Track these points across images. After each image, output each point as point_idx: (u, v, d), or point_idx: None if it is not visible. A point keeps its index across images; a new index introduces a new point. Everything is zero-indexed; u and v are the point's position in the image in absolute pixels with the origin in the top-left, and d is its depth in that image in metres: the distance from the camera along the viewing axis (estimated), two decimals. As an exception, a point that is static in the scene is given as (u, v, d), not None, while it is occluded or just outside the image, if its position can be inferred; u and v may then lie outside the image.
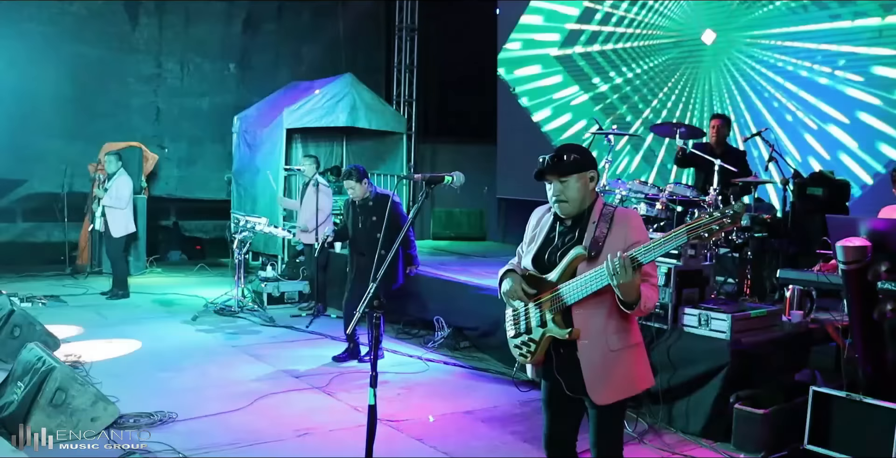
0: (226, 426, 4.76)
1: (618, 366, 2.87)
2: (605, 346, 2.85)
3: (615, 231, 2.85)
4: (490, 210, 11.21)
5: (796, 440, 4.25)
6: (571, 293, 2.83)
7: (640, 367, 2.97)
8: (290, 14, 12.93)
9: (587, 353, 2.85)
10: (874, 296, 3.96)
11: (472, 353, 6.72)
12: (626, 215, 2.91)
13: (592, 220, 2.90)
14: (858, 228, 4.04)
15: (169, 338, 7.04)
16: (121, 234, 8.81)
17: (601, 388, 2.86)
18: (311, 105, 10.28)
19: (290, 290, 8.63)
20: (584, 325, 2.85)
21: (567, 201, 2.90)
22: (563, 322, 2.88)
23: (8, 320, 5.97)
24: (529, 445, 4.55)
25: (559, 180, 2.89)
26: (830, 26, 7.23)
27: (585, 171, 2.90)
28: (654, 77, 8.96)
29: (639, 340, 2.97)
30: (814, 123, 7.38)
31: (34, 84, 10.64)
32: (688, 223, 2.56)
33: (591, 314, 2.84)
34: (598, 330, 2.85)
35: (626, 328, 2.90)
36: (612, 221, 2.87)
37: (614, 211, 2.92)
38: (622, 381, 2.89)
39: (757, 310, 4.97)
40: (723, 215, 2.49)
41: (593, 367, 2.85)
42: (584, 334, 2.85)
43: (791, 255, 5.91)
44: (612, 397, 2.88)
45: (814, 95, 7.39)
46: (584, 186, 2.90)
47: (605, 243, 2.82)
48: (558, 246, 2.96)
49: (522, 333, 3.02)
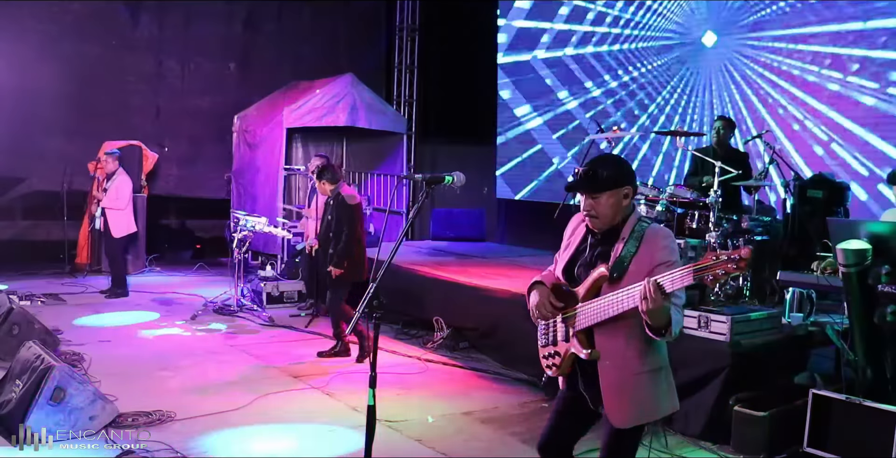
0: (225, 425, 4.75)
1: (638, 390, 2.77)
2: (625, 368, 2.76)
3: (643, 251, 2.74)
4: (490, 211, 11.20)
5: (796, 443, 4.25)
6: (589, 315, 2.77)
7: (664, 392, 2.84)
8: (291, 14, 12.92)
9: (607, 374, 2.78)
10: (874, 299, 3.96)
11: (472, 353, 6.72)
12: (655, 235, 2.78)
13: (622, 237, 2.79)
14: (859, 230, 4.05)
15: (168, 337, 7.04)
16: (122, 234, 8.80)
17: (619, 411, 2.78)
18: (311, 105, 10.27)
19: (289, 289, 8.62)
20: (605, 346, 2.77)
21: (598, 217, 2.81)
22: (585, 342, 2.81)
23: (7, 319, 5.96)
24: (528, 446, 4.54)
25: (591, 196, 2.80)
26: (837, 28, 7.20)
27: (620, 187, 2.78)
28: (655, 79, 8.96)
29: (663, 364, 2.86)
30: (815, 125, 7.38)
31: (34, 82, 10.63)
32: (695, 264, 2.46)
33: (613, 335, 2.75)
34: (619, 352, 2.76)
35: (650, 351, 2.79)
36: (642, 240, 2.76)
37: (646, 229, 2.79)
38: (641, 406, 2.79)
39: (757, 312, 4.96)
40: (730, 260, 2.39)
41: (612, 389, 2.77)
42: (605, 356, 2.77)
43: (791, 257, 5.91)
44: (629, 421, 2.79)
45: (814, 97, 7.38)
46: (617, 203, 2.79)
47: (630, 264, 2.72)
48: (587, 259, 2.87)
49: (549, 344, 2.97)
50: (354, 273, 6.32)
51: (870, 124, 6.95)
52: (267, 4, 12.73)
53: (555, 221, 6.52)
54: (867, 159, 6.97)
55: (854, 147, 7.06)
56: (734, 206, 6.38)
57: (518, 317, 6.17)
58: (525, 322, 5.92)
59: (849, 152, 7.10)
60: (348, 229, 6.27)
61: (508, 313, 6.32)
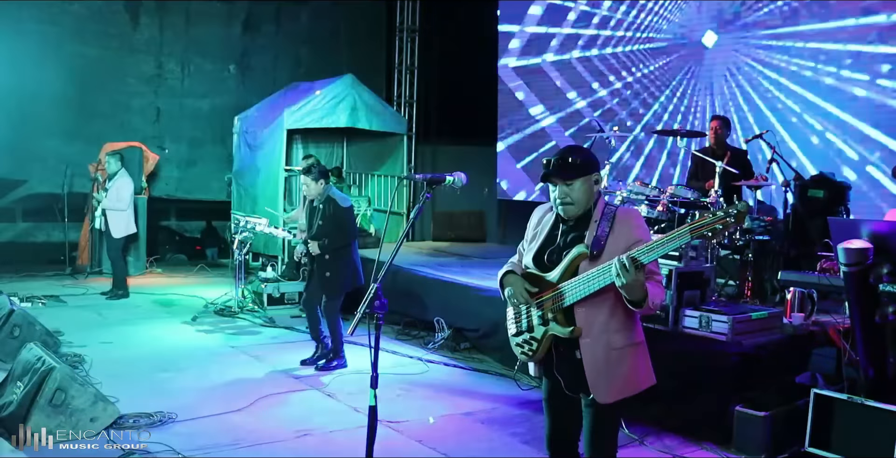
0: (226, 426, 4.76)
1: (620, 364, 2.87)
2: (607, 344, 2.85)
3: (617, 230, 2.86)
4: (490, 211, 11.20)
5: (797, 443, 4.25)
6: (573, 292, 2.84)
7: (643, 366, 2.96)
8: (291, 15, 12.92)
9: (589, 351, 2.86)
10: (876, 298, 3.96)
11: (473, 354, 6.72)
12: (627, 214, 2.93)
13: (594, 219, 2.91)
14: (860, 230, 4.04)
15: (169, 338, 7.04)
16: (121, 234, 8.81)
17: (604, 386, 2.86)
18: (311, 106, 10.27)
19: (289, 291, 8.61)
20: (587, 323, 2.85)
21: (573, 204, 2.91)
22: (564, 321, 2.88)
23: (8, 320, 5.96)
24: (529, 446, 4.55)
25: (565, 183, 2.90)
26: (835, 25, 7.22)
27: (590, 173, 2.91)
28: (656, 80, 8.96)
29: (641, 338, 2.97)
30: (817, 124, 7.39)
31: (34, 84, 10.63)
32: (691, 223, 2.58)
33: (594, 313, 2.84)
34: (601, 328, 2.85)
35: (629, 327, 2.90)
36: (614, 220, 2.89)
37: (616, 210, 2.93)
38: (624, 380, 2.89)
39: (758, 312, 4.96)
40: (726, 215, 2.52)
41: (596, 365, 2.85)
42: (587, 333, 2.85)
43: (792, 257, 5.91)
44: (614, 395, 2.87)
45: (817, 95, 7.40)
46: (589, 189, 2.92)
47: (607, 242, 2.84)
48: (560, 245, 2.96)
49: (524, 331, 3.03)
50: (354, 280, 6.18)
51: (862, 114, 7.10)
52: (267, 6, 12.74)
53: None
54: (857, 144, 7.13)
55: (848, 135, 7.18)
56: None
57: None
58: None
59: (841, 139, 7.22)
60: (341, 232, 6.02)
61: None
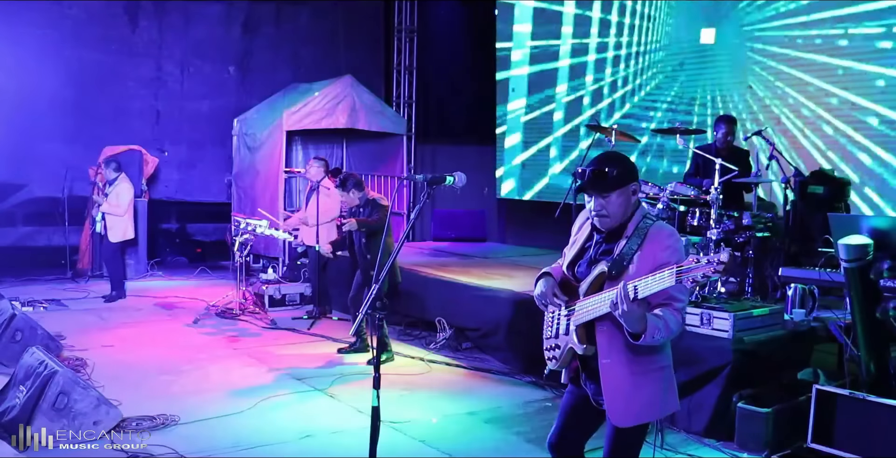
0: (228, 428, 4.76)
1: (639, 390, 2.75)
2: (627, 368, 2.73)
3: (646, 249, 2.70)
4: (490, 211, 11.20)
5: (800, 439, 4.25)
6: (585, 311, 2.77)
7: (664, 392, 2.82)
8: (290, 16, 12.91)
9: (608, 373, 2.75)
10: (877, 294, 3.96)
11: (475, 354, 6.72)
12: (659, 233, 2.74)
13: (626, 234, 2.76)
14: (860, 226, 4.04)
15: (170, 341, 7.04)
16: (118, 239, 8.81)
17: (619, 410, 2.76)
18: (310, 107, 10.27)
19: (291, 292, 8.62)
20: (606, 343, 2.74)
21: (609, 216, 2.77)
22: (584, 337, 2.79)
23: (9, 325, 5.96)
24: (533, 445, 4.55)
25: (601, 196, 2.75)
26: (838, 13, 7.18)
27: (628, 184, 2.76)
28: (655, 77, 8.96)
29: (666, 363, 2.84)
30: (817, 120, 7.38)
31: (34, 88, 10.62)
32: (679, 266, 2.43)
33: (615, 333, 2.70)
34: (621, 350, 2.72)
35: (652, 350, 2.75)
36: (646, 238, 2.72)
37: (650, 227, 2.75)
38: (643, 405, 2.77)
39: (759, 309, 4.96)
40: (709, 263, 2.35)
41: (613, 388, 2.75)
42: (606, 353, 2.74)
43: (793, 253, 5.90)
44: (629, 420, 2.77)
45: (817, 90, 7.38)
46: (627, 201, 2.77)
47: (631, 261, 2.69)
48: (590, 257, 2.87)
49: (552, 337, 2.97)
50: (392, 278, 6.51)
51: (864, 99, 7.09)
52: (265, 7, 12.73)
53: (556, 220, 6.52)
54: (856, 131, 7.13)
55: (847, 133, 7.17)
56: (735, 203, 6.38)
57: (520, 317, 6.18)
58: (527, 322, 5.94)
59: (841, 137, 7.22)
60: None
61: (511, 313, 6.33)
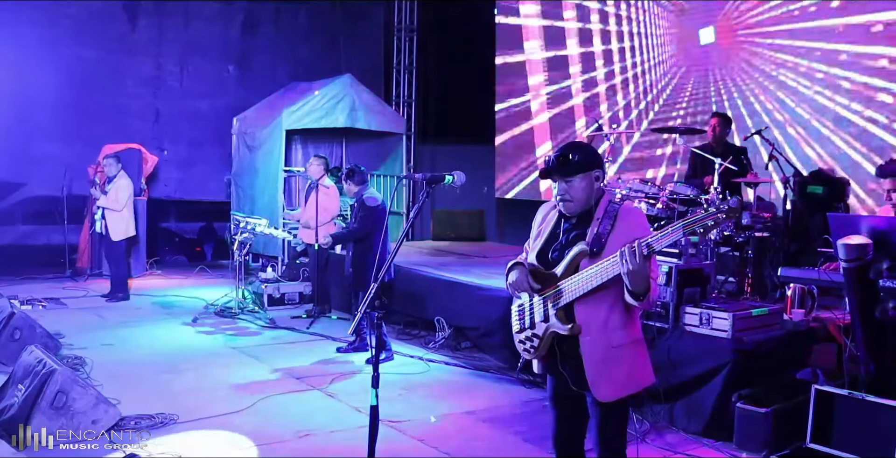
0: (227, 427, 4.75)
1: (620, 362, 2.87)
2: (607, 342, 2.85)
3: (619, 228, 2.85)
4: (490, 210, 11.20)
5: (798, 439, 4.25)
6: (573, 289, 2.85)
7: (642, 363, 2.97)
8: (289, 15, 12.91)
9: (589, 349, 2.86)
10: (876, 294, 3.95)
11: (473, 353, 6.72)
12: (629, 212, 2.92)
13: (597, 216, 2.91)
14: (860, 225, 4.04)
15: (169, 340, 7.04)
16: (120, 237, 8.80)
17: (603, 384, 2.87)
18: (310, 106, 10.27)
19: (290, 291, 8.62)
20: (586, 321, 2.86)
21: (572, 201, 2.92)
22: (565, 318, 2.89)
23: (8, 323, 5.96)
24: (531, 445, 4.55)
25: (564, 180, 2.91)
26: (832, 22, 7.22)
27: (591, 170, 2.91)
28: (654, 77, 8.96)
29: (640, 336, 2.98)
30: (815, 120, 7.38)
31: (32, 87, 10.61)
32: (685, 219, 2.59)
33: (594, 310, 2.85)
34: (600, 326, 2.85)
35: (628, 324, 2.90)
36: (616, 218, 2.88)
37: (619, 208, 2.92)
38: (624, 377, 2.89)
39: (758, 309, 4.96)
40: (718, 210, 2.55)
41: (595, 363, 2.86)
42: (586, 330, 2.86)
43: (792, 253, 5.90)
44: (614, 393, 2.88)
45: (814, 91, 7.40)
46: (590, 185, 2.92)
47: (607, 240, 2.83)
48: (563, 242, 2.97)
49: (527, 328, 3.05)
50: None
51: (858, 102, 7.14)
52: (265, 6, 12.73)
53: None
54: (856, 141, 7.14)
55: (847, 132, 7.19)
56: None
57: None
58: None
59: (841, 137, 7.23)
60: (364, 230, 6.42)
61: (509, 312, 6.30)
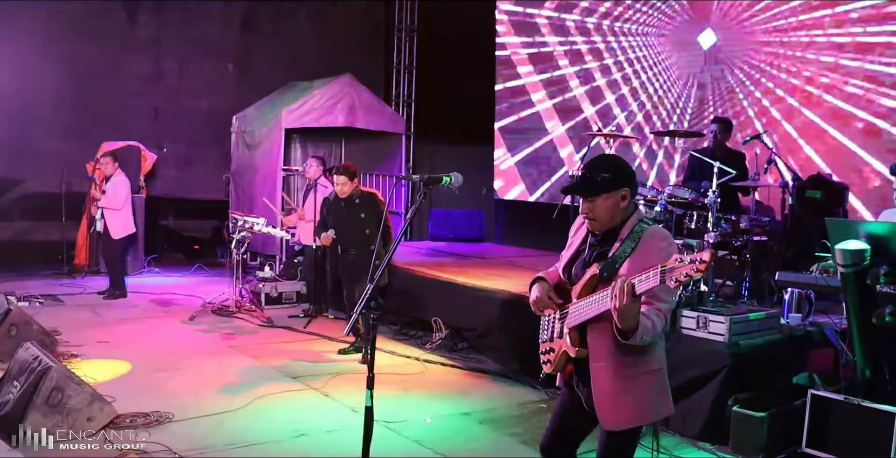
0: (222, 426, 4.75)
1: (631, 393, 2.73)
2: (618, 371, 2.71)
3: (639, 252, 2.68)
4: (488, 211, 11.20)
5: (794, 443, 4.25)
6: (576, 314, 2.76)
7: (657, 395, 2.80)
8: (289, 14, 12.91)
9: (599, 376, 2.74)
10: (873, 299, 3.96)
11: (470, 354, 6.71)
12: (651, 237, 2.72)
13: (620, 237, 2.75)
14: (858, 231, 4.04)
15: (166, 338, 7.03)
16: (120, 235, 8.78)
17: (610, 414, 2.75)
18: (309, 105, 10.27)
19: (287, 290, 8.61)
20: (598, 346, 2.73)
21: (596, 220, 2.80)
22: (577, 340, 2.78)
23: (5, 319, 5.95)
24: (527, 446, 4.54)
25: (587, 199, 2.79)
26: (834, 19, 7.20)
27: (617, 189, 2.75)
28: (654, 78, 8.97)
29: (658, 366, 2.81)
30: (815, 124, 7.39)
31: (32, 83, 10.60)
32: (662, 265, 2.37)
33: (606, 336, 2.68)
34: (612, 353, 2.70)
35: (645, 353, 2.73)
36: (639, 242, 2.70)
37: (645, 230, 2.73)
38: (634, 409, 2.74)
39: (755, 313, 4.96)
40: (691, 262, 2.29)
41: (604, 391, 2.74)
42: (597, 356, 2.74)
43: (790, 257, 5.91)
44: (620, 424, 2.76)
45: (815, 94, 7.39)
46: (615, 205, 2.76)
47: (623, 265, 2.67)
48: (586, 259, 2.86)
49: (548, 340, 2.98)
50: None
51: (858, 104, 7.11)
52: (265, 5, 12.73)
53: (553, 221, 6.52)
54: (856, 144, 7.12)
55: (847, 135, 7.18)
56: (733, 206, 6.38)
57: (517, 317, 6.17)
58: (523, 323, 5.93)
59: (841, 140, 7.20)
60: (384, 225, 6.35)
61: (507, 313, 6.33)
